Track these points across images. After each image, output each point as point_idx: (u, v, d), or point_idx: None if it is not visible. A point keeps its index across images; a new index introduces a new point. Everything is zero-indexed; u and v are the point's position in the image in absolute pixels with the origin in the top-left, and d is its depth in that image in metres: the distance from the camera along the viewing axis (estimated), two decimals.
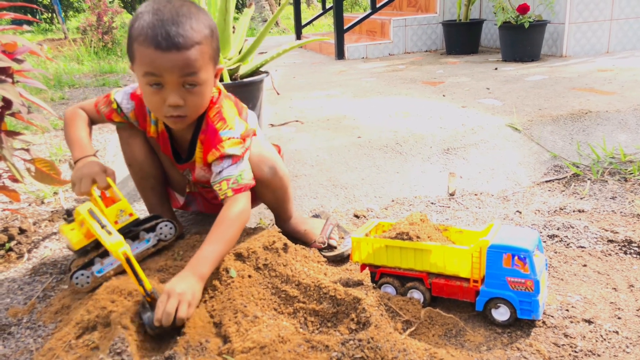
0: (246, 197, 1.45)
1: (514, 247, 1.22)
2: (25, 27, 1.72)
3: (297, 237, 1.70)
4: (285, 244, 1.51)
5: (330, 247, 1.67)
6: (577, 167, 2.24)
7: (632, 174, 2.17)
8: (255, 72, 2.19)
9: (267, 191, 1.59)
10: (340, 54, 4.95)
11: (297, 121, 2.61)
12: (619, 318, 1.30)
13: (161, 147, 1.61)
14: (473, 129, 2.36)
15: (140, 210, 1.98)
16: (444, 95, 3.01)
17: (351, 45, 4.96)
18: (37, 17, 12.58)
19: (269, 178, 1.55)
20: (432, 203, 2.05)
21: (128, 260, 1.18)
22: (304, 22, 6.60)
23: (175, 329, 1.22)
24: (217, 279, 1.40)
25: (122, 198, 1.46)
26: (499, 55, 4.36)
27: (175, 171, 1.69)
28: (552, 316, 1.31)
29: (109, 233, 1.23)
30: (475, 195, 2.11)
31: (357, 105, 2.93)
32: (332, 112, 2.81)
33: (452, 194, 2.10)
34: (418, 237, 1.33)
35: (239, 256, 1.46)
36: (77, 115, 1.56)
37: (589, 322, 1.29)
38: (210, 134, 1.46)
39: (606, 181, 2.14)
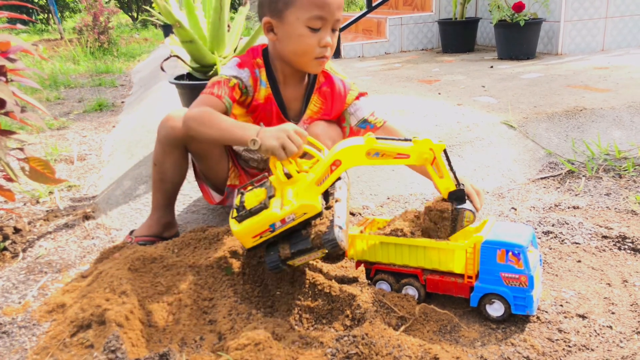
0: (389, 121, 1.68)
1: (508, 242, 1.23)
2: (20, 26, 1.72)
3: None
4: None
5: None
6: (572, 164, 2.25)
7: (626, 170, 2.17)
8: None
9: None
10: (336, 53, 4.95)
11: None
12: (613, 313, 1.30)
13: (261, 113, 1.59)
14: (468, 126, 2.37)
15: (129, 214, 1.98)
16: (439, 94, 3.02)
17: (347, 44, 4.96)
18: (34, 17, 12.55)
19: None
20: (427, 200, 2.05)
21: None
22: None
23: None
24: (211, 277, 1.40)
25: (318, 156, 1.31)
26: (494, 53, 4.37)
27: (225, 165, 1.68)
28: (546, 311, 1.32)
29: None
30: None
31: None
32: None
33: None
34: (412, 233, 1.34)
35: (233, 253, 1.46)
36: (209, 112, 1.43)
37: (583, 317, 1.29)
38: (336, 82, 1.64)
39: (601, 178, 2.15)
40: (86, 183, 2.40)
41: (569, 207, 1.94)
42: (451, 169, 1.32)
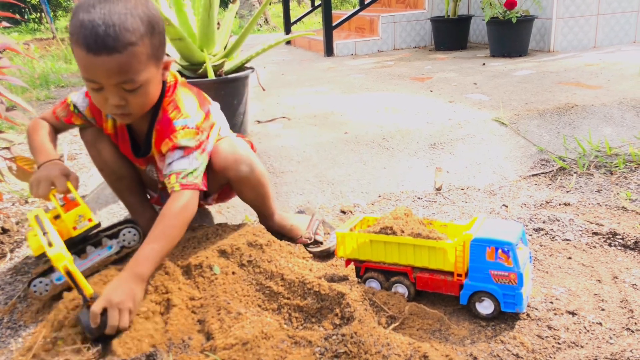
0: (193, 193, 1.37)
1: (497, 240, 1.22)
2: (4, 23, 1.70)
3: (283, 233, 1.68)
4: (269, 240, 1.50)
5: (317, 243, 1.67)
6: (564, 160, 2.25)
7: (617, 167, 2.17)
8: (241, 68, 2.18)
9: (246, 189, 1.57)
10: (329, 51, 4.94)
11: (284, 117, 2.60)
12: (603, 310, 1.30)
13: (120, 145, 1.57)
14: (460, 123, 2.36)
15: (119, 213, 1.96)
16: (431, 91, 3.01)
17: (340, 42, 4.95)
18: (26, 16, 12.48)
19: (247, 176, 1.52)
20: (418, 198, 2.05)
21: (68, 273, 1.18)
22: (293, 19, 6.59)
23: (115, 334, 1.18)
24: (200, 276, 1.39)
25: (82, 203, 1.41)
26: (487, 50, 4.37)
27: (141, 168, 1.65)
28: (536, 308, 1.31)
29: (50, 244, 1.21)
30: (462, 189, 2.11)
31: (345, 102, 2.92)
32: (320, 108, 2.80)
33: (438, 189, 2.10)
34: (402, 231, 1.33)
35: (222, 253, 1.45)
36: (39, 125, 1.52)
37: (573, 314, 1.29)
38: (164, 123, 1.41)
39: (592, 174, 2.15)
40: None
41: (560, 204, 1.94)
42: (75, 285, 1.21)
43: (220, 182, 1.57)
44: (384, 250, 1.35)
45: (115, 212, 1.94)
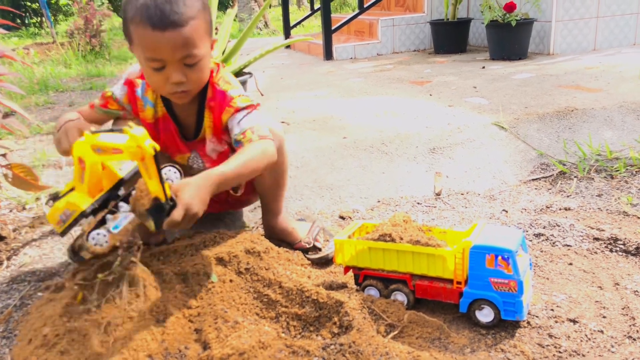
0: (271, 143, 1.43)
1: (497, 247, 1.21)
2: (2, 30, 1.69)
3: (284, 235, 1.67)
4: (267, 247, 1.49)
5: (316, 249, 1.65)
6: (564, 164, 2.24)
7: (618, 171, 2.16)
8: (239, 73, 2.17)
9: (269, 171, 1.57)
10: (328, 55, 4.93)
11: (283, 122, 2.59)
12: (604, 317, 1.29)
13: (161, 134, 1.56)
14: (459, 127, 2.35)
15: None
16: (430, 95, 3.00)
17: (339, 46, 4.95)
18: (26, 21, 12.49)
19: (275, 155, 1.47)
20: (418, 203, 2.03)
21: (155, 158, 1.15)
22: (293, 22, 6.58)
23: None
24: (198, 284, 1.38)
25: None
26: (486, 53, 4.36)
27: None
28: (536, 316, 1.30)
29: (125, 130, 1.16)
30: (462, 194, 2.10)
31: (344, 106, 2.91)
32: (319, 112, 2.79)
33: (438, 194, 2.09)
34: (401, 238, 1.32)
35: (220, 260, 1.44)
36: (68, 114, 1.48)
37: (574, 321, 1.27)
38: (219, 96, 1.48)
39: (592, 179, 2.14)
40: None
41: (560, 209, 1.93)
42: (160, 180, 1.19)
43: None
44: (383, 257, 1.34)
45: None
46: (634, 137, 2.36)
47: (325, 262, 1.62)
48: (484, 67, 3.77)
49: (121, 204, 1.36)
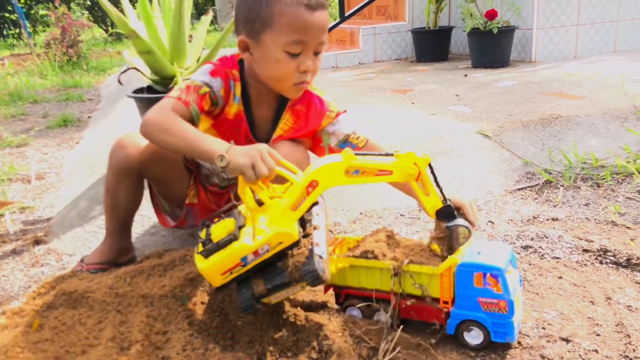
0: None
1: (485, 265, 1.13)
2: None
3: None
4: None
5: None
6: (550, 173, 2.19)
7: (604, 179, 2.11)
8: None
9: None
10: None
11: None
12: (598, 335, 1.22)
13: (231, 132, 1.46)
14: (442, 136, 2.29)
15: (84, 237, 1.85)
16: (413, 103, 2.94)
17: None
18: (5, 32, 12.27)
19: None
20: (401, 215, 1.96)
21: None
22: None
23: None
24: (166, 308, 1.28)
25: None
26: (468, 62, 4.34)
27: (184, 184, 1.56)
28: (527, 335, 1.23)
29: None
30: None
31: None
32: None
33: None
34: (384, 255, 1.24)
35: (191, 281, 1.35)
36: (171, 117, 1.28)
37: (567, 340, 1.20)
38: (313, 100, 1.49)
39: (579, 187, 2.09)
40: (42, 204, 2.25)
41: (547, 219, 1.87)
42: (437, 184, 1.23)
43: None
44: (365, 275, 1.26)
45: (80, 236, 1.82)
46: (618, 145, 2.32)
47: None
48: (466, 75, 3.73)
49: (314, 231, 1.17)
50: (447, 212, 1.24)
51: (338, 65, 4.93)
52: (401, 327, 1.19)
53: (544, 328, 1.25)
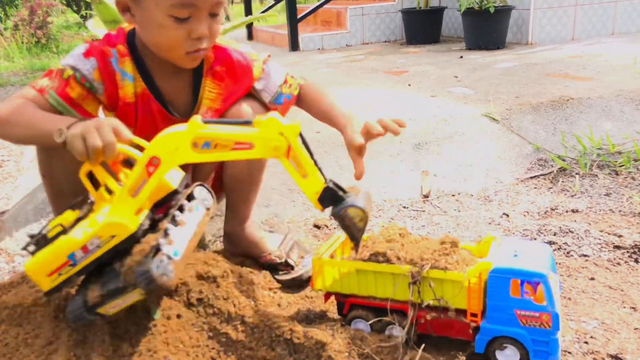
0: None
1: (525, 271, 0.93)
2: None
3: (250, 247, 1.37)
4: (225, 271, 1.17)
5: (288, 267, 1.35)
6: (563, 160, 1.99)
7: (622, 166, 1.93)
8: None
9: (246, 162, 1.29)
10: (294, 45, 4.61)
11: None
12: None
13: (139, 117, 1.22)
14: (446, 120, 2.08)
15: None
16: (409, 85, 2.73)
17: (306, 36, 4.64)
18: None
19: None
20: (404, 207, 1.75)
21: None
22: (255, 13, 6.23)
23: None
24: (133, 324, 1.05)
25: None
26: (462, 44, 4.13)
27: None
28: (569, 352, 1.03)
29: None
30: (453, 195, 1.83)
31: None
32: None
33: (426, 196, 1.81)
34: (398, 258, 1.02)
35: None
36: (18, 106, 1.09)
37: (616, 358, 1.01)
38: (233, 55, 1.26)
39: (596, 175, 1.90)
40: None
41: (567, 211, 1.68)
42: (311, 156, 0.97)
43: None
44: (375, 282, 1.05)
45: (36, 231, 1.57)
46: (635, 129, 2.14)
47: (299, 285, 1.31)
48: (461, 57, 3.53)
49: (169, 225, 0.96)
50: (331, 196, 0.99)
51: (324, 47, 4.68)
52: (422, 345, 0.98)
53: (586, 342, 1.06)
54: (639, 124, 2.16)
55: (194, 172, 1.37)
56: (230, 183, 1.35)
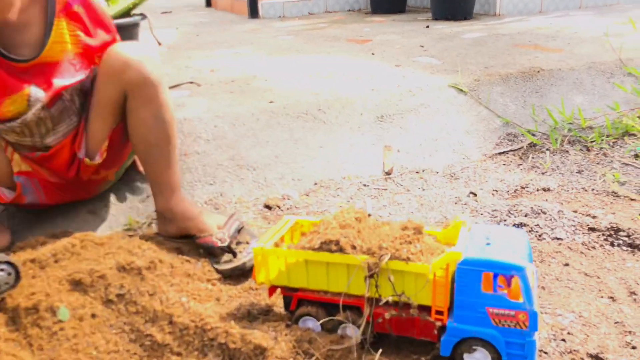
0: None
1: (499, 262, 0.79)
2: None
3: (186, 225, 1.21)
4: (153, 261, 1.00)
5: (230, 252, 1.18)
6: (534, 135, 1.88)
7: (593, 141, 1.83)
8: (127, 14, 1.62)
9: (152, 115, 1.15)
10: (253, 12, 4.37)
11: (192, 82, 2.06)
12: (634, 348, 0.92)
13: None
14: (411, 90, 1.93)
15: None
16: (373, 54, 2.56)
17: (266, 2, 4.40)
18: None
19: (140, 86, 1.13)
20: (364, 185, 1.60)
21: None
22: None
23: None
24: (35, 325, 0.88)
25: None
26: (428, 14, 3.98)
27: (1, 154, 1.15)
28: (545, 352, 0.91)
29: None
30: (417, 173, 1.69)
31: (271, 65, 2.41)
32: (240, 72, 2.28)
33: (388, 173, 1.67)
34: (354, 247, 0.87)
35: (77, 284, 0.94)
36: None
37: (597, 358, 0.89)
38: None
39: (567, 151, 1.79)
40: None
41: (538, 190, 1.56)
42: None
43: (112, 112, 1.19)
44: (327, 274, 0.90)
45: None
46: (606, 103, 2.04)
47: (242, 274, 1.15)
48: (428, 27, 3.37)
49: None
50: None
51: (285, 14, 4.46)
52: (380, 350, 0.84)
53: (563, 340, 0.94)
54: (610, 98, 2.06)
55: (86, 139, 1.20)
56: (142, 148, 1.19)
